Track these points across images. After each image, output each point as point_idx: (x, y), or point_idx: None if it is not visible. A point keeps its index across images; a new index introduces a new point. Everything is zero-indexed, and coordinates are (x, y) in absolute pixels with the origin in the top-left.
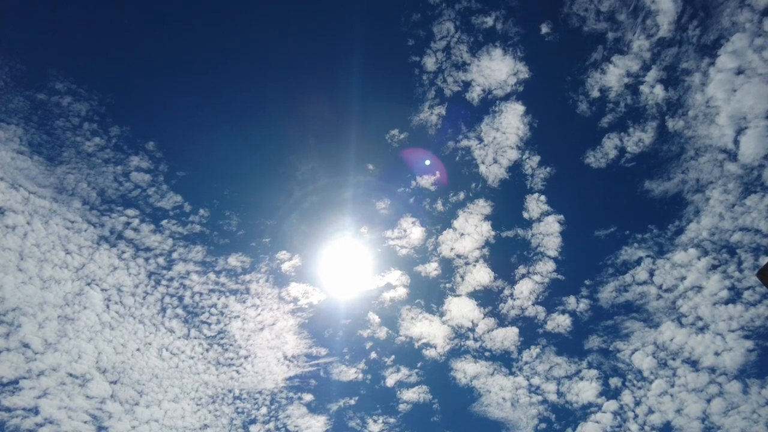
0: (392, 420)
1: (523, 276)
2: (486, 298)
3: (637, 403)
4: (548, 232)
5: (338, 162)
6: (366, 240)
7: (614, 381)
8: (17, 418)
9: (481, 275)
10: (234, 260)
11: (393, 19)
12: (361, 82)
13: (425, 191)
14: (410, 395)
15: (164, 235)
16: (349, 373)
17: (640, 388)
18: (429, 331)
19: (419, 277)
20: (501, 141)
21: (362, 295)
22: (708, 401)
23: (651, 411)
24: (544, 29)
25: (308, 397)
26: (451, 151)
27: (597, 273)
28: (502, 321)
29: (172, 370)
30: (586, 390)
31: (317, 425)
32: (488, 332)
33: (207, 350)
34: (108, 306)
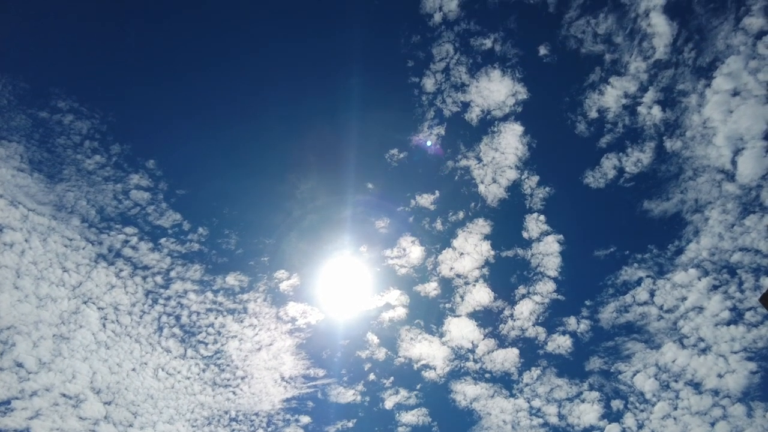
0: None
1: (524, 296)
2: (486, 319)
3: (640, 426)
4: (548, 252)
5: (338, 181)
6: (365, 259)
7: (616, 403)
8: None
9: (481, 295)
10: (232, 279)
11: (393, 41)
12: (361, 103)
13: (424, 210)
14: (409, 418)
15: (162, 254)
16: (347, 395)
17: (643, 411)
18: (428, 352)
19: (419, 297)
20: (500, 161)
21: (361, 315)
22: (712, 425)
23: None
24: (542, 51)
25: (305, 420)
26: (450, 171)
27: (597, 293)
28: (503, 342)
29: (168, 391)
30: (588, 412)
31: None
32: (488, 353)
33: (203, 370)
34: (104, 325)
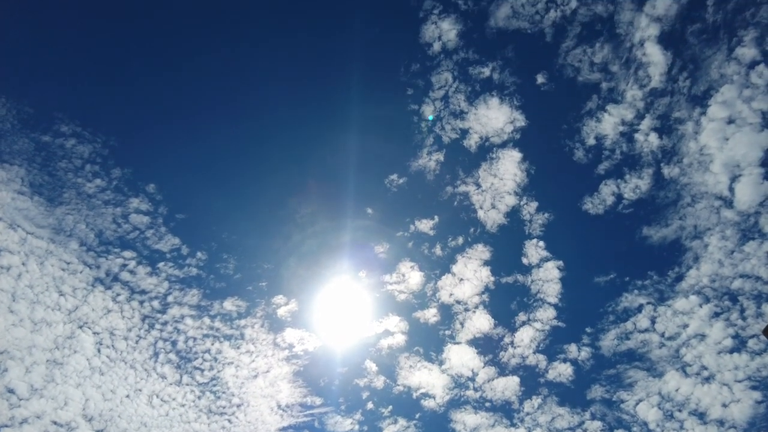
0: None
1: (524, 323)
2: (486, 346)
3: None
4: (548, 279)
5: (337, 206)
6: (364, 284)
7: None
8: None
9: (481, 322)
10: (230, 304)
11: (393, 69)
12: (362, 129)
13: (424, 235)
14: None
15: (160, 278)
16: (345, 424)
17: None
18: (428, 381)
19: (418, 324)
20: (499, 187)
21: (359, 342)
22: None
23: None
24: (540, 79)
25: None
26: (450, 196)
27: (598, 320)
28: (503, 370)
29: (162, 419)
30: None
31: None
32: (489, 382)
33: (199, 397)
34: (99, 350)
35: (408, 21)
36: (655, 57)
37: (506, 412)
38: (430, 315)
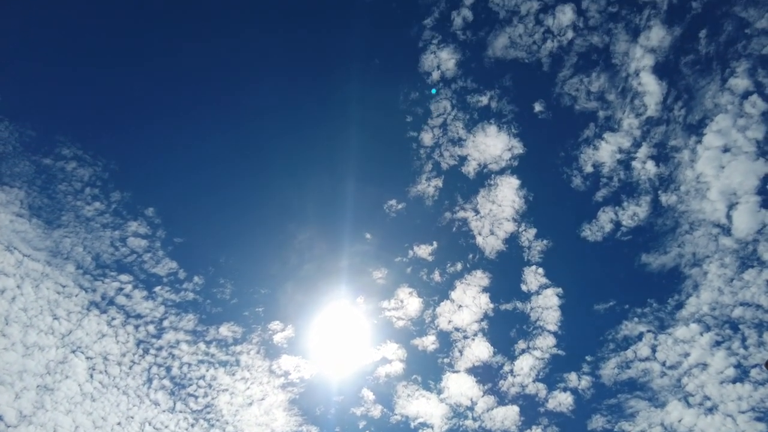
0: None
1: (523, 351)
2: (485, 375)
3: None
4: (547, 306)
5: (336, 231)
6: (362, 310)
7: None
8: None
9: (480, 350)
10: (225, 330)
11: (393, 97)
12: (361, 154)
13: (422, 261)
14: None
15: (156, 302)
16: None
17: None
18: (426, 410)
19: (416, 351)
20: (497, 213)
21: (356, 370)
22: None
23: None
24: (538, 108)
25: None
26: (448, 222)
27: (598, 348)
28: (502, 399)
29: None
30: None
31: None
32: (488, 411)
33: (192, 425)
34: (92, 375)
35: (408, 50)
36: (651, 86)
37: None
38: (429, 342)
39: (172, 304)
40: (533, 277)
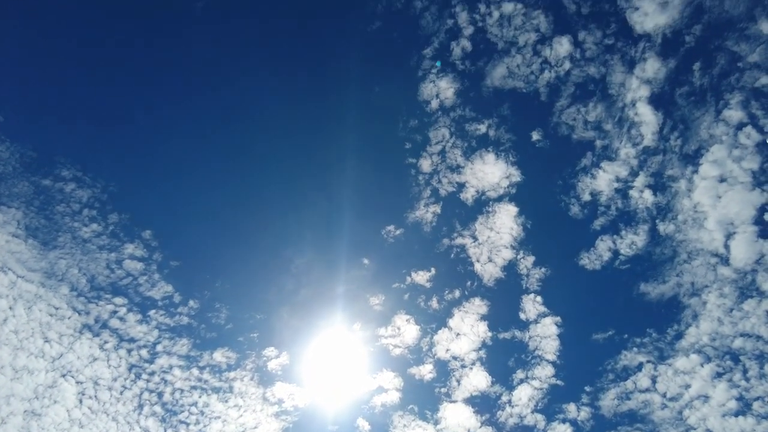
0: None
1: (522, 381)
2: (483, 405)
3: None
4: (546, 335)
5: (333, 256)
6: (358, 337)
7: None
8: None
9: (478, 379)
10: (219, 355)
11: (392, 124)
12: (359, 180)
13: (420, 288)
14: None
15: (150, 326)
16: None
17: None
18: None
19: (413, 380)
20: (495, 240)
21: (351, 399)
22: None
23: None
24: (535, 136)
25: None
26: (446, 248)
27: (597, 379)
28: (501, 430)
29: None
30: None
31: None
32: None
33: None
34: (81, 401)
35: (407, 79)
36: (647, 117)
37: None
38: (426, 371)
39: (166, 328)
40: (532, 305)
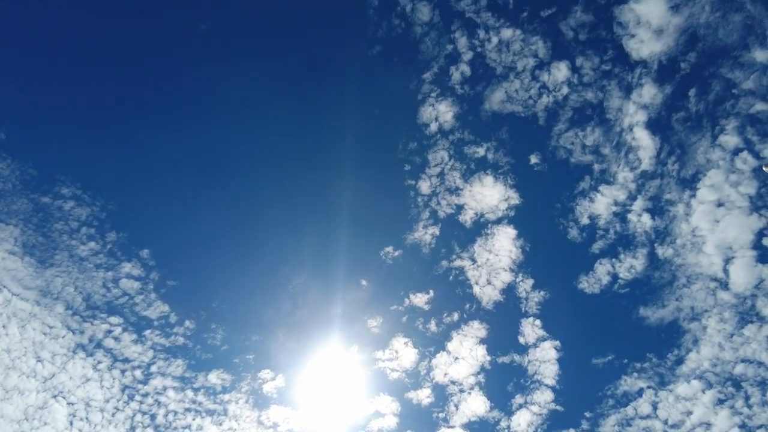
0: None
1: (521, 406)
2: (482, 430)
3: None
4: (545, 359)
5: (331, 277)
6: (355, 360)
7: None
8: None
9: (477, 404)
10: (214, 377)
11: (392, 146)
12: (359, 201)
13: (418, 310)
14: None
15: (145, 346)
16: None
17: None
18: None
19: (410, 405)
20: (494, 263)
21: (348, 424)
22: None
23: None
24: (534, 159)
25: None
26: (445, 271)
27: (597, 404)
28: None
29: None
30: None
31: None
32: None
33: None
34: (71, 423)
35: (407, 102)
36: (644, 141)
37: None
38: (424, 396)
39: (162, 349)
40: (531, 329)
